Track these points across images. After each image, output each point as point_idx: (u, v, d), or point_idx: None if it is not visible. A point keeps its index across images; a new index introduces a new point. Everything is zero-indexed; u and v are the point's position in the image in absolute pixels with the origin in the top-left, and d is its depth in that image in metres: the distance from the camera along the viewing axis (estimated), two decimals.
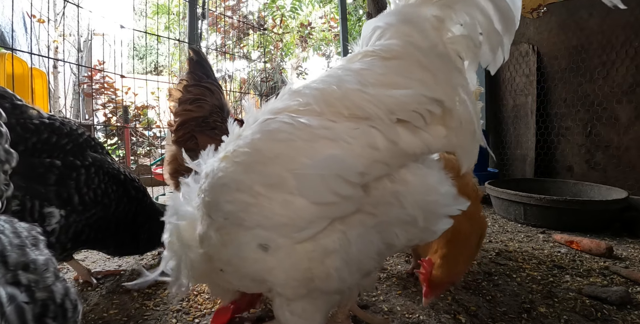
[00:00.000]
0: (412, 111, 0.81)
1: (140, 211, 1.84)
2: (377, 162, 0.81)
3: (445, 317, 1.50)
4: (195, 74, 2.05)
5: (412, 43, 0.88)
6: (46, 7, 6.33)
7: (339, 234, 0.84)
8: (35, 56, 3.61)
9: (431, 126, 0.85)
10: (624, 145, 3.34)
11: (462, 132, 0.87)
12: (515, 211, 3.03)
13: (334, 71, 0.92)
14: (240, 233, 0.87)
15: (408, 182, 0.86)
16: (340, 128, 0.82)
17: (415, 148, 0.83)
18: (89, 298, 1.67)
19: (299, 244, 0.83)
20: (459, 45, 0.90)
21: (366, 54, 0.92)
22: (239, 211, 0.84)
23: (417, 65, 0.86)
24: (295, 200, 0.80)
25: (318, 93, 0.87)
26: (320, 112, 0.85)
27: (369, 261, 0.88)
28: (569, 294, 1.71)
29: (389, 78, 0.85)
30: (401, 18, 0.92)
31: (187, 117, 1.99)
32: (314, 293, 0.90)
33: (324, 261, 0.84)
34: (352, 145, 0.80)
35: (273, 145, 0.84)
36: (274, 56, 8.59)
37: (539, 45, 3.96)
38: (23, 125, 1.53)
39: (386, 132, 0.81)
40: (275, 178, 0.81)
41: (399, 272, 1.96)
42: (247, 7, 7.58)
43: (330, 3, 8.76)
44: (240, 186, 0.84)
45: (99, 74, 5.64)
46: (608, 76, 3.42)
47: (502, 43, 0.89)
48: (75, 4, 2.80)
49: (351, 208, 0.82)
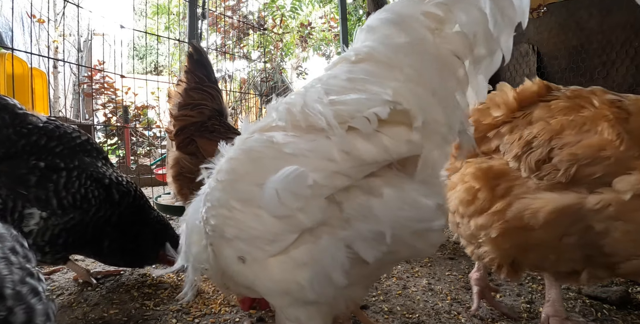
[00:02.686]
0: (361, 116, 0.76)
1: (126, 217, 1.73)
2: (336, 173, 0.78)
3: (445, 317, 1.50)
4: (195, 75, 1.98)
5: (383, 41, 0.85)
6: (46, 7, 6.33)
7: (309, 245, 0.83)
8: (35, 56, 3.61)
9: (390, 128, 0.79)
10: None
11: (430, 134, 0.81)
12: None
13: (309, 82, 0.93)
14: (223, 245, 0.92)
15: (382, 194, 0.81)
16: (300, 142, 0.82)
17: (373, 156, 0.78)
18: (89, 298, 1.67)
19: (272, 256, 0.84)
20: (455, 44, 0.84)
21: (340, 60, 0.91)
22: (220, 224, 0.90)
23: (383, 64, 0.83)
24: (262, 214, 0.82)
25: (284, 108, 0.87)
26: (284, 127, 0.86)
27: (339, 275, 0.82)
28: (569, 294, 1.71)
29: (352, 84, 0.82)
30: (385, 17, 0.88)
31: (187, 122, 1.95)
32: (298, 302, 0.90)
33: (295, 273, 0.84)
34: (310, 158, 0.79)
35: (245, 163, 0.89)
36: (274, 56, 8.59)
37: (539, 45, 3.96)
38: (16, 130, 1.56)
39: (338, 142, 0.77)
40: (246, 193, 0.86)
41: (399, 272, 1.96)
42: (247, 7, 7.58)
43: (330, 3, 8.76)
44: (220, 202, 0.90)
45: (99, 74, 5.64)
46: (608, 76, 3.42)
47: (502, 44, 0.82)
48: (75, 4, 2.81)
49: (308, 221, 0.80)
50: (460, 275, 1.93)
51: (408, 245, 0.86)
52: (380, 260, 0.85)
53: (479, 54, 0.84)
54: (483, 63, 0.85)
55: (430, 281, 1.84)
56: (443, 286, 1.78)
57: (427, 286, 1.79)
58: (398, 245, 0.83)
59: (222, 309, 1.55)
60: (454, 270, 2.01)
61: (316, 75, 0.98)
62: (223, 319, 1.48)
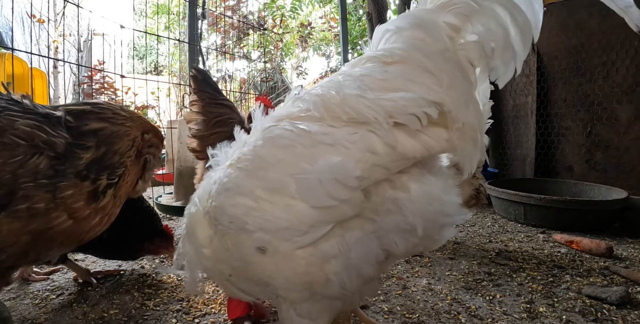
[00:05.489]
0: (409, 114, 0.80)
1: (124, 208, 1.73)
2: (376, 166, 0.81)
3: (445, 317, 1.50)
4: (206, 93, 2.01)
5: (416, 46, 0.88)
6: (46, 7, 6.33)
7: (338, 238, 0.83)
8: (35, 56, 3.61)
9: (431, 128, 0.84)
10: (624, 145, 3.34)
11: (464, 136, 0.86)
12: (516, 211, 3.03)
13: (335, 77, 0.94)
14: (241, 236, 0.88)
15: (410, 190, 0.85)
16: (339, 133, 0.83)
17: (414, 152, 0.82)
18: (89, 298, 1.67)
19: (300, 248, 0.83)
20: (471, 52, 0.90)
21: (369, 59, 0.92)
22: (242, 214, 0.86)
23: (420, 68, 0.86)
24: (296, 204, 0.81)
25: (318, 99, 0.88)
26: (320, 118, 0.86)
27: (369, 268, 0.87)
28: (569, 294, 1.71)
29: (389, 83, 0.85)
30: (413, 21, 0.91)
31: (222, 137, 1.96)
32: (316, 296, 0.90)
33: (323, 266, 0.83)
34: (351, 150, 0.81)
35: (274, 151, 0.86)
36: (274, 56, 8.59)
37: (539, 45, 3.96)
38: None
39: (384, 136, 0.80)
40: (276, 182, 0.83)
41: (399, 272, 1.96)
42: (247, 7, 7.58)
43: (330, 3, 8.76)
44: (242, 191, 0.86)
45: (99, 74, 5.64)
46: (608, 76, 3.42)
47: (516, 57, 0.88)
48: (75, 4, 2.80)
49: (350, 212, 0.82)
50: (460, 275, 1.93)
51: (432, 237, 0.90)
52: (406, 252, 0.90)
53: (495, 64, 0.89)
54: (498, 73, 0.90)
55: (430, 281, 1.84)
56: (443, 286, 1.79)
57: (427, 286, 1.79)
58: (425, 237, 0.87)
59: (222, 309, 1.55)
60: (454, 270, 2.01)
61: (341, 70, 0.99)
62: (223, 319, 1.47)
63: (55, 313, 1.53)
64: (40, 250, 1.23)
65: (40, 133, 1.14)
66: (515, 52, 0.87)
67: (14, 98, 1.22)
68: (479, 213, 3.44)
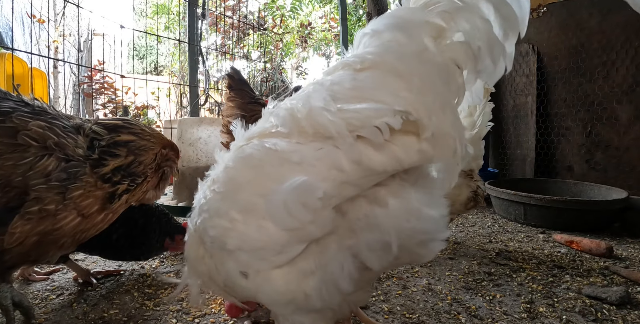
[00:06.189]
0: (372, 126, 0.74)
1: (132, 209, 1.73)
2: (345, 183, 0.76)
3: (445, 317, 1.50)
4: (244, 91, 2.12)
5: (389, 49, 0.83)
6: (46, 7, 6.32)
7: (315, 255, 0.81)
8: (35, 56, 3.61)
9: (401, 138, 0.77)
10: (624, 145, 3.34)
11: (439, 145, 0.79)
12: (515, 211, 3.03)
13: (308, 87, 0.90)
14: (225, 257, 0.89)
15: (387, 205, 0.79)
16: (305, 150, 0.78)
17: (383, 166, 0.76)
18: (89, 298, 1.67)
19: (277, 267, 0.82)
20: (457, 53, 0.83)
21: (343, 66, 0.87)
22: (220, 235, 0.87)
23: (389, 73, 0.80)
24: (267, 225, 0.79)
25: (287, 114, 0.84)
26: (288, 134, 0.82)
27: (347, 283, 0.82)
28: (569, 294, 1.71)
29: (357, 92, 0.79)
30: (389, 22, 0.86)
31: None
32: (302, 310, 0.89)
33: (301, 283, 0.82)
34: (317, 167, 0.76)
35: (244, 172, 0.86)
36: (274, 56, 8.59)
37: (539, 45, 3.96)
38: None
39: (347, 152, 0.75)
40: (247, 204, 0.83)
41: (399, 272, 1.96)
42: (247, 7, 7.58)
43: (330, 3, 8.76)
44: (219, 213, 0.87)
45: (99, 74, 5.64)
46: (608, 76, 3.42)
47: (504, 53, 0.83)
48: (75, 4, 2.80)
49: (318, 233, 0.78)
50: (460, 275, 1.93)
51: (412, 252, 0.85)
52: (384, 267, 0.86)
53: (484, 63, 0.83)
54: (487, 72, 0.84)
55: (430, 281, 1.84)
56: (443, 286, 1.79)
57: (427, 286, 1.79)
58: (403, 253, 0.82)
59: (222, 309, 1.55)
60: (454, 270, 2.01)
61: (315, 79, 0.96)
62: (223, 319, 1.48)
63: (55, 313, 1.53)
64: (42, 250, 1.25)
65: (51, 134, 1.20)
66: (503, 47, 0.82)
67: (24, 99, 1.29)
68: (479, 213, 3.44)
